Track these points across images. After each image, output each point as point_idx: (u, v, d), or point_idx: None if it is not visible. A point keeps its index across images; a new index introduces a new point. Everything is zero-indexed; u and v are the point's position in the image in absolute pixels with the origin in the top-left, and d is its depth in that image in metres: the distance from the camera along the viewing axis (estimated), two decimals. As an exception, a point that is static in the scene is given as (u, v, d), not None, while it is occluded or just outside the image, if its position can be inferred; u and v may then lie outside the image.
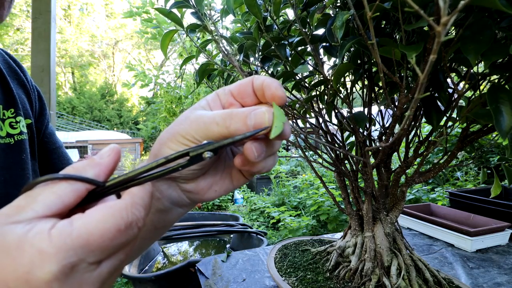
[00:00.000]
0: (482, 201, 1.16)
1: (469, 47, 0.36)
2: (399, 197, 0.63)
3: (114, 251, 0.21)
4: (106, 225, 0.20)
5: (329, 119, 0.67)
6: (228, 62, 0.70)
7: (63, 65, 18.99)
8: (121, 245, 0.21)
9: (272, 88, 0.26)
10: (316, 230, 3.17)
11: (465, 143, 0.55)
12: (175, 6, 0.61)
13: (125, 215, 0.21)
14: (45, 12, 1.80)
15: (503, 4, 0.28)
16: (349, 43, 0.43)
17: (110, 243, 0.20)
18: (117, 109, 17.69)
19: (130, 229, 0.21)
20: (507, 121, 0.37)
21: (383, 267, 0.60)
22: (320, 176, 0.76)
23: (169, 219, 0.33)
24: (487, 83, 0.51)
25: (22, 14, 14.92)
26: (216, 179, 0.32)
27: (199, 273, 0.85)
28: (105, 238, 0.20)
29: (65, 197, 0.21)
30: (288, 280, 0.64)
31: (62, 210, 0.21)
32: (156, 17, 3.77)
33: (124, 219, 0.21)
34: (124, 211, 0.21)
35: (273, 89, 0.26)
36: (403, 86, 0.44)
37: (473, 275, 0.81)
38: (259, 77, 0.28)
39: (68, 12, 18.74)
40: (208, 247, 2.27)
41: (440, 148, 1.33)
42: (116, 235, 0.20)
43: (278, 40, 0.61)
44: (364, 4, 0.31)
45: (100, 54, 20.84)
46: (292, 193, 4.22)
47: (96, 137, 11.41)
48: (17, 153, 0.48)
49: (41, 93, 0.60)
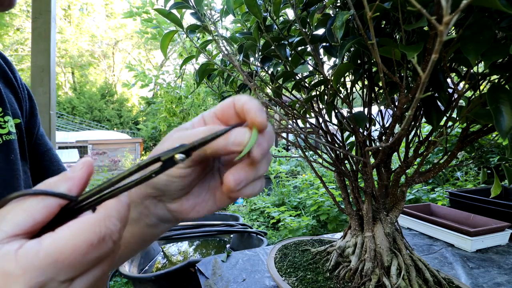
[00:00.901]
0: (482, 201, 1.16)
1: (469, 47, 0.36)
2: (399, 197, 0.63)
3: (88, 267, 0.21)
4: (77, 241, 0.19)
5: (329, 119, 0.67)
6: (228, 62, 0.70)
7: (63, 65, 18.99)
8: (95, 260, 0.20)
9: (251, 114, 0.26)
10: (316, 230, 3.17)
11: (465, 143, 0.55)
12: (175, 7, 0.61)
13: (98, 229, 0.20)
14: (45, 12, 1.80)
15: (503, 4, 0.28)
16: (349, 43, 0.43)
17: (83, 259, 0.20)
18: (117, 109, 17.69)
19: (104, 243, 0.20)
20: (507, 121, 0.37)
21: (383, 267, 0.60)
22: (320, 176, 0.76)
23: (157, 233, 0.35)
24: (487, 83, 0.51)
25: (22, 14, 14.92)
26: (199, 200, 0.32)
27: (199, 273, 0.85)
28: (76, 255, 0.19)
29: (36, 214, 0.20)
30: (288, 280, 0.64)
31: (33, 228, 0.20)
32: (156, 17, 3.77)
33: (97, 233, 0.20)
34: (97, 224, 0.20)
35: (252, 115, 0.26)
36: (403, 86, 0.44)
37: (473, 275, 0.81)
38: (240, 98, 0.27)
39: (68, 12, 18.74)
40: (208, 247, 2.27)
41: (440, 148, 1.33)
42: (89, 250, 0.20)
43: (278, 40, 0.61)
44: (364, 4, 0.31)
45: (100, 54, 20.85)
46: (292, 193, 4.22)
47: (96, 137, 11.41)
48: (5, 153, 0.47)
49: (31, 93, 0.58)
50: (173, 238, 2.04)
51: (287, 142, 6.88)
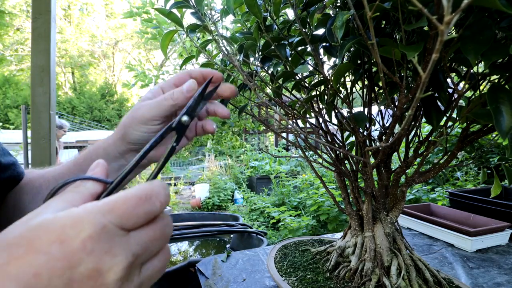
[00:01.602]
0: (482, 201, 1.16)
1: (469, 47, 0.36)
2: (399, 197, 0.63)
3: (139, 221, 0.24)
4: (128, 195, 0.23)
5: (329, 119, 0.67)
6: (228, 62, 0.70)
7: (63, 65, 18.98)
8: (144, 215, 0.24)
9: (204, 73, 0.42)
10: (316, 230, 3.17)
11: (465, 143, 0.55)
12: (175, 6, 0.61)
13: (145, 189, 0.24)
14: (45, 12, 1.80)
15: (503, 4, 0.28)
16: (349, 43, 0.43)
17: (133, 210, 0.23)
18: (117, 109, 17.68)
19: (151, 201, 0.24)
20: (507, 121, 0.37)
21: (383, 267, 0.60)
22: (320, 176, 0.76)
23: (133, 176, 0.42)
24: (487, 83, 0.51)
25: (22, 14, 14.91)
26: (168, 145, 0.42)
27: (199, 273, 0.85)
28: (128, 205, 0.23)
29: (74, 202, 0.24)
30: (288, 280, 0.64)
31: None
32: (156, 17, 3.76)
33: (144, 191, 0.24)
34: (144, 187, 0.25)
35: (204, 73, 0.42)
36: (403, 86, 0.44)
37: (473, 275, 0.81)
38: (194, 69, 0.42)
39: (68, 12, 18.72)
40: (208, 247, 2.27)
41: (440, 148, 1.33)
42: (138, 204, 0.23)
43: (278, 40, 0.61)
44: (364, 4, 0.31)
45: (100, 54, 20.83)
46: (292, 193, 4.22)
47: (96, 137, 11.38)
48: None
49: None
50: (173, 238, 2.03)
51: (287, 142, 6.89)
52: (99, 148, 0.46)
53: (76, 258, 0.19)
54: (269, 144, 8.84)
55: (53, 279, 0.19)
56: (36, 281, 0.18)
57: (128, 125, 0.41)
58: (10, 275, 0.18)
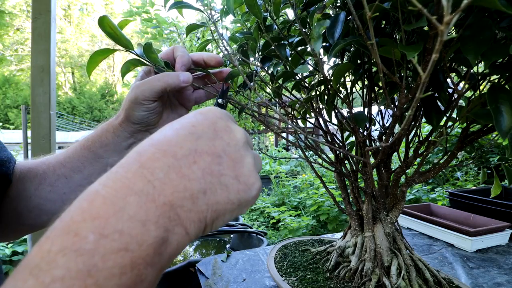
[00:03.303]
0: (482, 201, 1.16)
1: (469, 47, 0.36)
2: (399, 197, 0.63)
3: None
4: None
5: (329, 119, 0.67)
6: (228, 62, 0.70)
7: (63, 65, 18.97)
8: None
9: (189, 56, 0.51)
10: (316, 230, 3.17)
11: (465, 143, 0.55)
12: (175, 7, 0.61)
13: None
14: (45, 12, 1.80)
15: (503, 4, 0.28)
16: (341, 44, 0.44)
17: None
18: (117, 109, 17.47)
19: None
20: (507, 121, 0.37)
21: (383, 267, 0.60)
22: (320, 176, 0.76)
23: None
24: (487, 83, 0.51)
25: (22, 14, 14.90)
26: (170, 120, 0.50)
27: (199, 273, 0.85)
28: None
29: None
30: (288, 280, 0.64)
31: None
32: (156, 17, 3.77)
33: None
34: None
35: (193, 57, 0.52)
36: (403, 86, 0.44)
37: (473, 275, 0.81)
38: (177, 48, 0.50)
39: (68, 12, 18.72)
40: (208, 247, 2.27)
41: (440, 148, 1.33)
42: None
43: (278, 40, 0.61)
44: (364, 4, 0.31)
45: (100, 54, 20.76)
46: (292, 193, 4.21)
47: (96, 137, 11.35)
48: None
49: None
50: (173, 238, 2.03)
51: (287, 142, 6.88)
52: (107, 131, 0.49)
53: (214, 119, 0.29)
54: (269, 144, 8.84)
55: (205, 128, 0.28)
56: (196, 129, 0.28)
57: (127, 108, 0.46)
58: (177, 124, 0.28)
